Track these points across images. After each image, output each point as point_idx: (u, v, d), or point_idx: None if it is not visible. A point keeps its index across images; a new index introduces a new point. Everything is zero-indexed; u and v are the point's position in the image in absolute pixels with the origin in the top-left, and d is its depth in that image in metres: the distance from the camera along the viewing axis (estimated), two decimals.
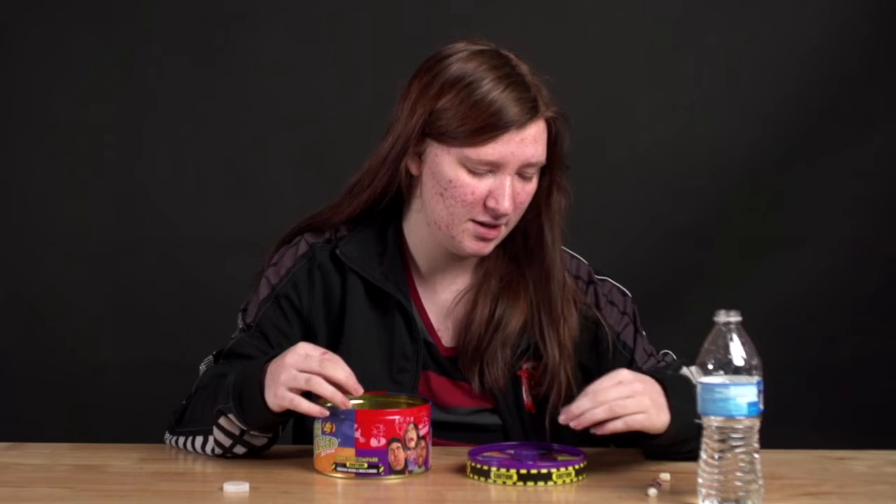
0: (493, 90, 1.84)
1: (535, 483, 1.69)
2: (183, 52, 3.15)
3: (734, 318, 1.56)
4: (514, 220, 1.91)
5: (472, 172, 1.86)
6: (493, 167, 1.85)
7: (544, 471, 1.69)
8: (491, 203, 1.86)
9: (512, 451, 1.78)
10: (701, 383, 1.56)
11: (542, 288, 1.94)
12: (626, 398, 1.70)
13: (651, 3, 3.14)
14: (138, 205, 3.16)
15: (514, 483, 1.69)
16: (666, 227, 3.11)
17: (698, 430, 1.69)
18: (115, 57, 3.15)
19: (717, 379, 1.55)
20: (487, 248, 1.91)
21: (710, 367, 1.55)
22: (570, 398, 1.82)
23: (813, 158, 3.10)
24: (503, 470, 1.69)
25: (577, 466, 1.71)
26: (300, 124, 3.13)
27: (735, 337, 1.56)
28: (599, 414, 1.69)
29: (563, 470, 1.70)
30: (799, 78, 3.09)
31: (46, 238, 3.16)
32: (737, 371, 1.55)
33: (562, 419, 1.70)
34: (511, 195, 1.86)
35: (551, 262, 1.94)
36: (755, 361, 1.55)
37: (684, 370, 1.86)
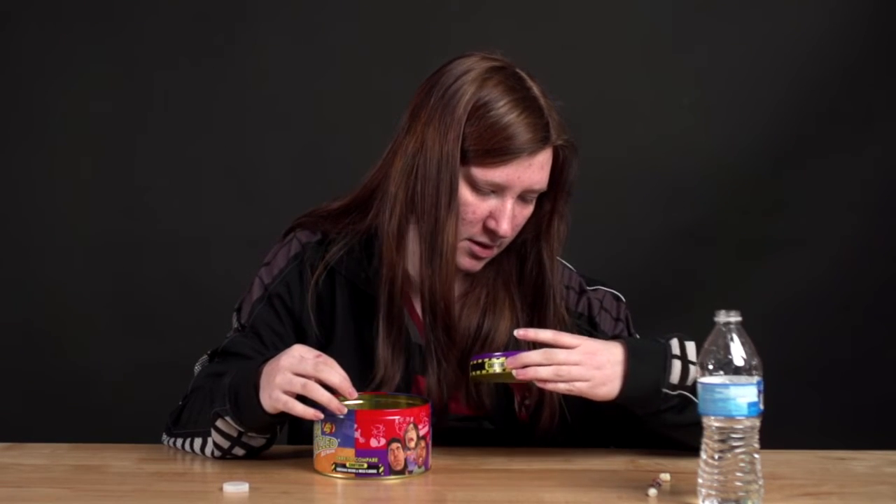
0: (508, 113, 1.83)
1: (472, 372, 1.78)
2: (183, 52, 3.15)
3: (734, 318, 1.56)
4: (509, 239, 1.91)
5: (476, 192, 1.85)
6: (498, 189, 1.85)
7: (479, 361, 1.77)
8: (491, 224, 1.86)
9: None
10: (701, 383, 1.56)
11: (537, 313, 1.94)
12: (574, 364, 1.74)
13: (651, 2, 3.14)
14: (138, 206, 3.16)
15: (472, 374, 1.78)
16: (666, 227, 3.11)
17: (681, 402, 1.77)
18: (116, 57, 3.15)
19: (717, 379, 1.55)
20: (478, 265, 1.91)
21: (710, 367, 1.55)
22: (563, 419, 1.90)
23: (813, 158, 3.10)
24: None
25: (504, 358, 1.75)
26: (300, 124, 3.13)
27: (735, 337, 1.56)
28: (543, 373, 1.74)
29: (495, 359, 1.76)
30: (799, 78, 3.09)
31: (46, 238, 3.16)
32: (737, 371, 1.55)
33: (512, 361, 1.75)
34: (510, 218, 1.86)
35: (549, 288, 1.93)
36: (755, 361, 1.55)
37: (673, 341, 1.82)
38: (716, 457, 1.55)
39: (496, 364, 1.74)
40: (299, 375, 1.71)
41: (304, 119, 3.13)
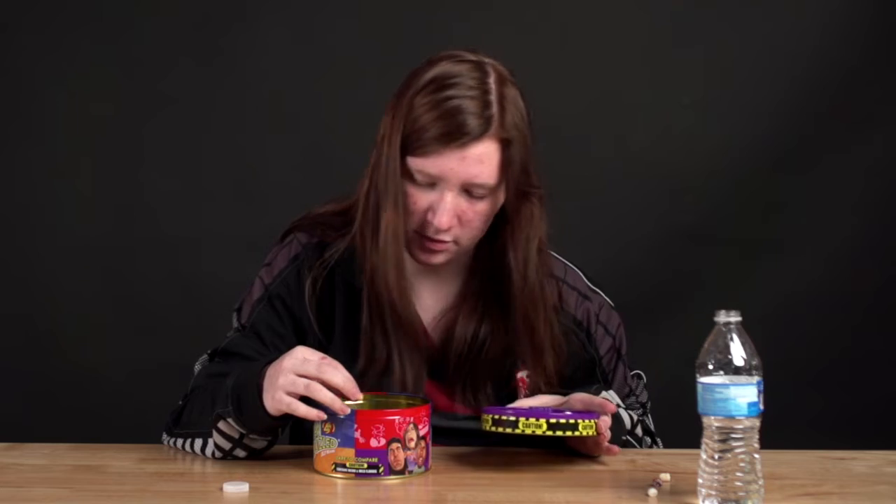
0: (441, 104, 1.80)
1: (564, 432, 1.71)
2: (183, 52, 3.15)
3: (734, 318, 1.56)
4: (465, 236, 1.87)
5: (414, 182, 1.83)
6: (434, 180, 1.82)
7: (571, 421, 1.72)
8: (429, 216, 1.83)
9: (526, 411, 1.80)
10: (701, 383, 1.56)
11: (522, 316, 1.91)
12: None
13: (651, 1, 3.14)
14: (138, 206, 3.16)
15: (544, 432, 1.71)
16: (666, 227, 3.11)
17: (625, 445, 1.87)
18: (115, 57, 3.15)
19: (717, 379, 1.55)
20: (434, 259, 1.88)
21: (710, 367, 1.55)
22: None
23: (813, 158, 3.10)
24: (532, 420, 1.71)
25: (595, 420, 1.74)
26: (300, 124, 3.13)
27: (735, 337, 1.56)
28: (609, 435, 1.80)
29: (586, 422, 1.73)
30: (799, 78, 3.09)
31: (46, 238, 3.16)
32: (737, 371, 1.55)
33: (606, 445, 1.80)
34: (450, 211, 1.82)
35: (519, 291, 1.89)
36: (755, 361, 1.55)
37: (603, 393, 1.88)
38: (716, 457, 1.55)
39: (580, 426, 1.72)
40: (302, 377, 1.71)
41: (303, 119, 3.13)
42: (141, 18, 3.15)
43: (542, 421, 1.71)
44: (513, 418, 1.72)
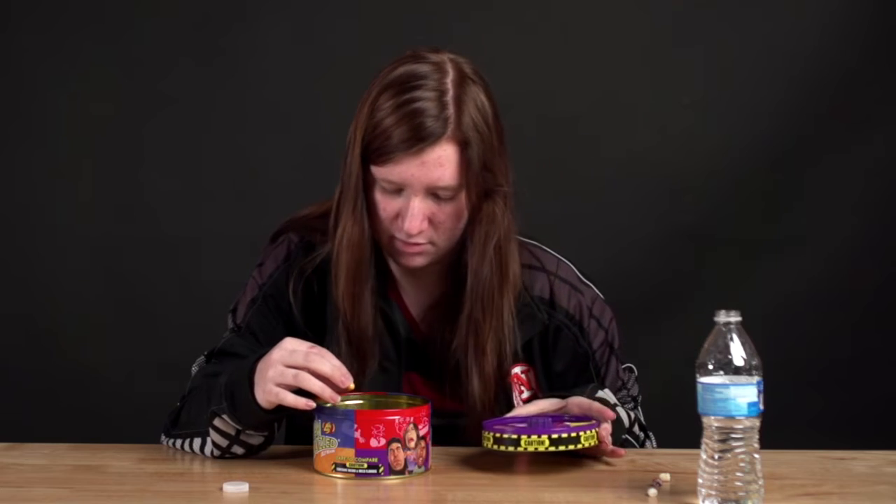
0: (396, 110, 1.79)
1: (567, 446, 1.71)
2: (183, 52, 3.15)
3: (734, 318, 1.56)
4: (440, 237, 1.86)
5: (381, 190, 1.83)
6: (398, 187, 1.82)
7: (573, 434, 1.71)
8: (399, 222, 1.83)
9: (525, 424, 1.79)
10: (701, 383, 1.56)
11: (468, 314, 1.89)
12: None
13: (651, 1, 3.14)
14: (138, 206, 3.16)
15: (547, 448, 1.70)
16: (666, 227, 3.11)
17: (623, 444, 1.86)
18: (116, 57, 3.15)
19: (717, 379, 1.55)
20: (414, 261, 1.88)
21: (710, 367, 1.55)
22: None
23: (813, 158, 3.10)
24: (534, 437, 1.71)
25: (596, 430, 1.74)
26: (300, 124, 3.13)
27: (735, 337, 1.56)
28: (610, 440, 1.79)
29: (588, 433, 1.72)
30: (799, 78, 3.09)
31: (46, 238, 3.16)
32: (737, 371, 1.55)
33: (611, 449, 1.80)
34: (418, 216, 1.81)
35: (471, 289, 1.87)
36: (755, 361, 1.56)
37: (599, 393, 1.86)
38: (716, 457, 1.55)
39: (582, 438, 1.72)
40: (291, 367, 1.71)
41: (303, 120, 3.13)
42: (141, 19, 3.15)
43: (545, 437, 1.71)
44: (514, 436, 1.71)
